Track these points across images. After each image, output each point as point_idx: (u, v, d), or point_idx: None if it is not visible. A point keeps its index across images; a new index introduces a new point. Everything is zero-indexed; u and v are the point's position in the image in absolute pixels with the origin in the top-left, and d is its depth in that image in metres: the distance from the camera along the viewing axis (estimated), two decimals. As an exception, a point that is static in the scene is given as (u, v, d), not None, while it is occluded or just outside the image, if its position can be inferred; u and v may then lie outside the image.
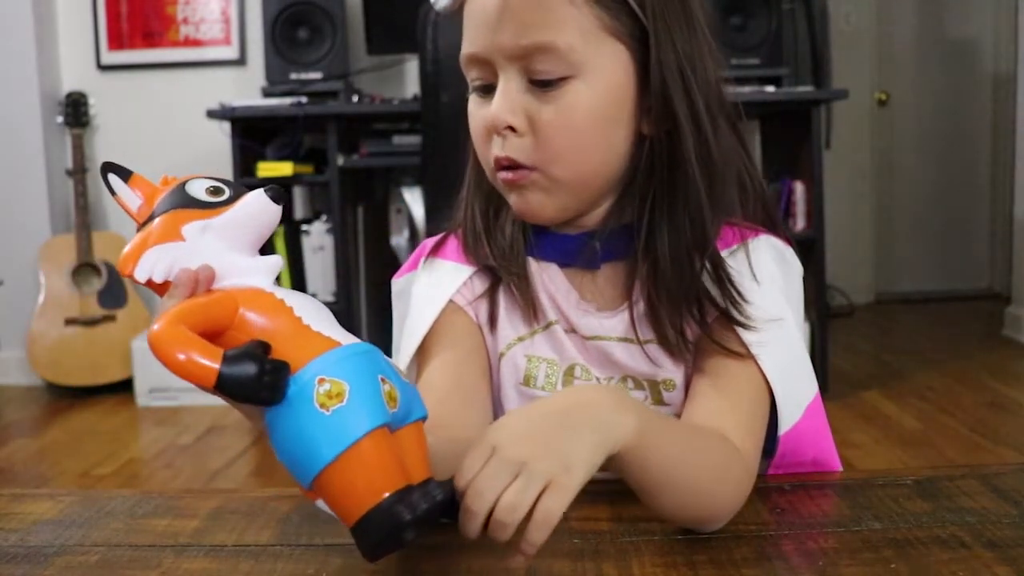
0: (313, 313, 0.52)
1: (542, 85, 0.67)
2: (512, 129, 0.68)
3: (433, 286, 0.78)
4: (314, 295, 2.91)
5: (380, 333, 3.18)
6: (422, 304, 0.77)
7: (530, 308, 0.75)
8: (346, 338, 0.51)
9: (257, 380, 0.47)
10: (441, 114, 1.99)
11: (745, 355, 0.68)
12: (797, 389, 0.71)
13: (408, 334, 0.77)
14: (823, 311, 2.88)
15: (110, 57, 3.47)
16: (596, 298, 0.75)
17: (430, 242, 0.82)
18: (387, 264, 3.19)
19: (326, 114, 2.86)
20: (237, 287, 0.52)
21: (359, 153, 2.93)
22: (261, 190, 0.55)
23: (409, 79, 3.36)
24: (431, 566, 0.57)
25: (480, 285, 0.78)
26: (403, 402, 0.51)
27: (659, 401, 0.74)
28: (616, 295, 0.75)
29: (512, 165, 0.69)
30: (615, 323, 0.74)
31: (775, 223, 0.76)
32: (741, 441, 0.65)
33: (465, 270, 0.78)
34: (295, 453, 0.48)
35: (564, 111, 0.67)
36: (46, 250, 3.28)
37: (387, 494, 0.48)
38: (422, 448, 0.53)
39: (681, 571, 0.55)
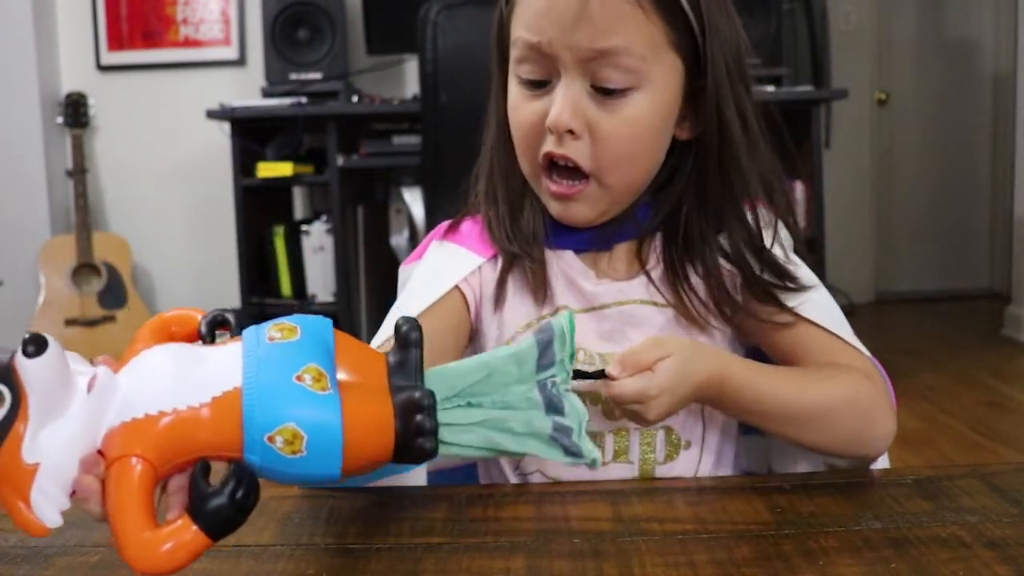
0: (186, 380, 0.46)
1: (605, 93, 0.68)
2: (571, 133, 0.69)
3: (441, 267, 0.78)
4: (314, 296, 2.89)
5: (380, 333, 3.18)
6: (425, 282, 0.77)
7: (541, 293, 0.76)
8: (233, 366, 0.47)
9: (236, 510, 0.45)
10: (441, 114, 1.99)
11: (791, 320, 0.73)
12: (844, 326, 0.75)
13: (403, 307, 0.76)
14: (823, 311, 2.87)
15: (110, 58, 3.47)
16: (611, 273, 0.77)
17: (443, 226, 0.83)
18: (387, 264, 3.19)
19: (326, 114, 2.86)
20: (116, 433, 0.46)
21: (359, 153, 2.93)
22: (23, 360, 0.45)
23: (409, 79, 3.36)
24: (431, 566, 0.57)
25: (489, 273, 0.78)
26: (323, 351, 0.49)
27: None
28: (630, 269, 0.77)
29: (565, 163, 0.71)
30: (635, 286, 0.76)
31: (790, 215, 0.79)
32: (868, 370, 0.73)
33: (476, 259, 0.78)
34: (308, 483, 0.48)
35: (625, 122, 0.69)
36: (46, 250, 3.28)
37: (393, 428, 0.48)
38: (355, 348, 0.51)
39: (682, 571, 0.55)
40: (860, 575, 0.54)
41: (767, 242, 0.74)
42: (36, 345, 0.45)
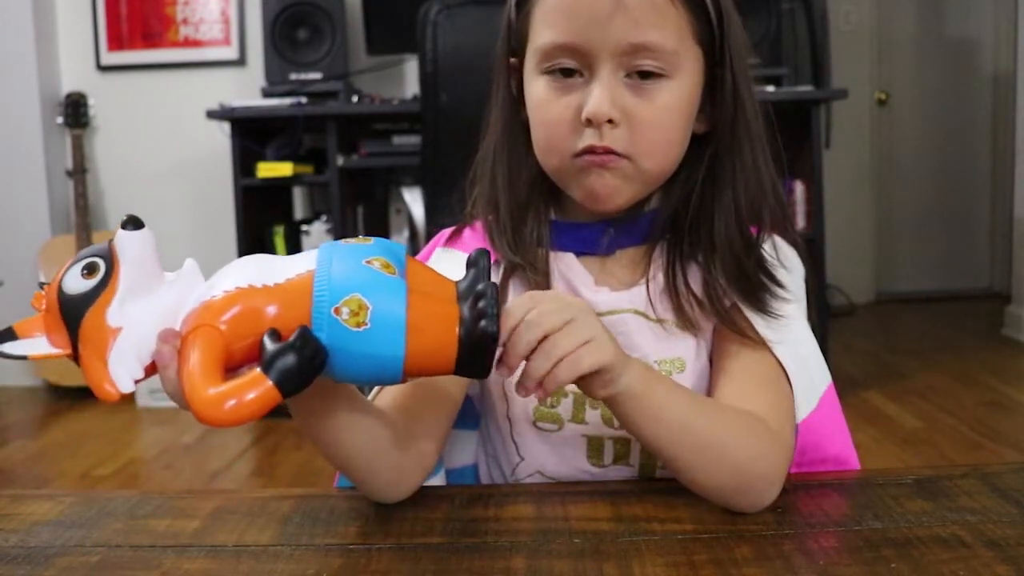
0: (264, 268, 0.51)
1: (642, 78, 0.69)
2: (611, 122, 0.70)
3: (447, 275, 0.78)
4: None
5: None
6: None
7: None
8: (307, 260, 0.51)
9: (307, 364, 0.47)
10: (441, 114, 1.99)
11: (760, 343, 0.71)
12: (812, 378, 0.73)
13: None
14: (823, 311, 2.88)
15: (110, 58, 3.47)
16: (610, 280, 0.77)
17: (445, 233, 0.84)
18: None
19: (326, 114, 2.86)
20: (194, 312, 0.50)
21: (359, 153, 2.93)
22: (120, 232, 0.51)
23: (409, 79, 3.36)
24: (431, 566, 0.57)
25: (493, 276, 0.78)
26: (393, 257, 0.52)
27: None
28: (630, 278, 0.77)
29: (607, 152, 0.71)
30: (631, 296, 0.76)
31: (788, 225, 0.79)
32: (778, 424, 0.67)
33: None
34: (372, 374, 0.49)
35: (659, 109, 0.70)
36: (46, 250, 3.28)
37: (456, 329, 0.50)
38: (426, 270, 0.54)
39: (682, 571, 0.55)
40: (860, 575, 0.54)
41: (768, 259, 0.74)
42: (134, 223, 0.50)
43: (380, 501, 0.67)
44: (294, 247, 3.05)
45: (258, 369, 0.47)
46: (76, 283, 0.50)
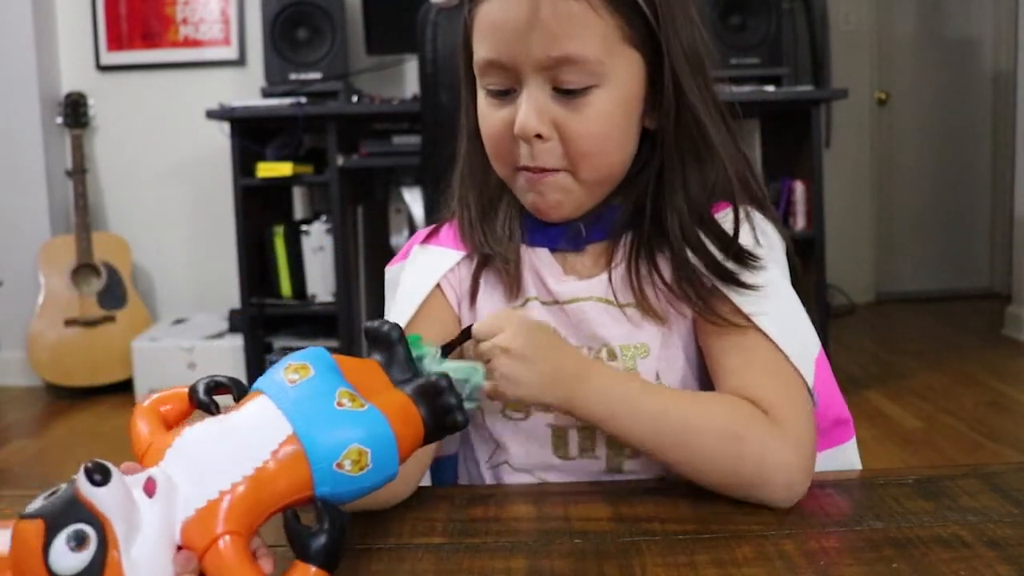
0: (238, 447, 0.48)
1: (568, 94, 0.69)
2: (539, 136, 0.70)
3: (422, 269, 0.80)
4: (314, 296, 2.89)
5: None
6: (411, 287, 0.79)
7: (514, 288, 0.78)
8: (273, 417, 0.49)
9: (338, 536, 0.48)
10: (440, 114, 1.99)
11: (747, 327, 0.70)
12: (805, 344, 0.72)
13: (393, 314, 0.79)
14: (824, 310, 2.88)
15: (109, 58, 3.47)
16: (578, 270, 0.78)
17: (423, 232, 0.85)
18: (387, 264, 3.19)
19: (326, 114, 2.86)
20: (196, 523, 0.47)
21: (359, 153, 2.93)
22: (96, 491, 0.45)
23: (409, 79, 3.36)
24: (431, 566, 0.57)
25: (466, 269, 0.80)
26: (333, 373, 0.52)
27: (632, 369, 0.75)
28: (596, 268, 0.78)
29: (541, 171, 0.72)
30: (593, 284, 0.76)
31: (764, 204, 0.79)
32: (781, 409, 0.67)
33: (455, 255, 0.80)
34: (376, 489, 0.51)
35: (590, 118, 0.70)
36: (46, 251, 3.28)
37: (419, 414, 0.52)
38: (352, 364, 0.54)
39: (683, 571, 0.55)
40: (861, 575, 0.54)
41: (744, 239, 0.73)
42: (102, 472, 0.45)
43: (380, 508, 0.67)
44: (294, 247, 3.05)
45: (297, 561, 0.48)
46: (70, 560, 0.44)
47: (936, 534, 0.58)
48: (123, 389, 3.23)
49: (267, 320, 3.11)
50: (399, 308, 0.78)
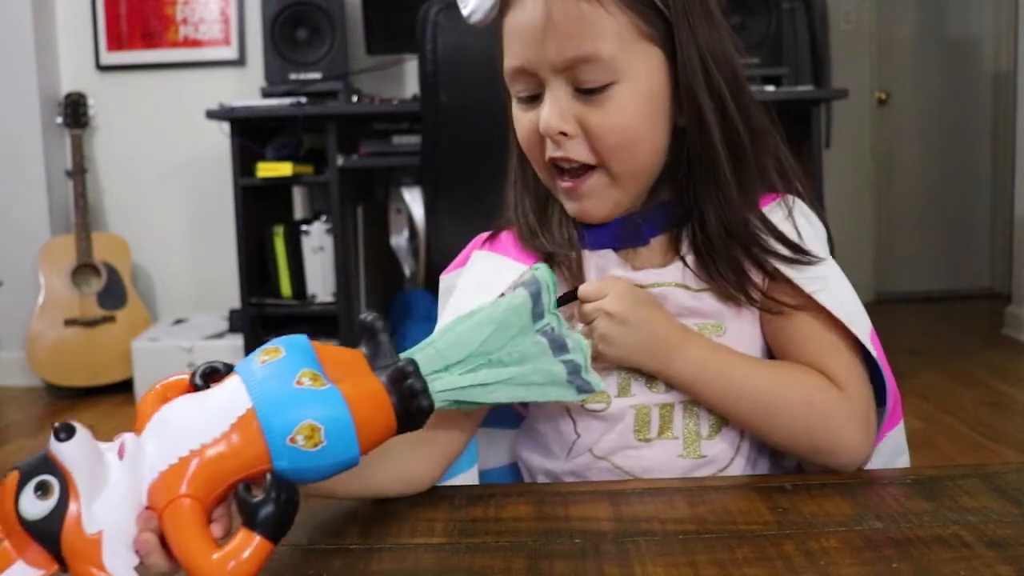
0: (202, 419, 0.51)
1: (588, 92, 0.71)
2: (564, 135, 0.72)
3: (487, 277, 0.81)
4: (314, 296, 2.89)
5: (380, 333, 3.18)
6: (473, 292, 0.79)
7: (577, 285, 0.78)
8: (239, 394, 0.52)
9: (285, 509, 0.50)
10: (441, 114, 1.99)
11: (805, 305, 0.73)
12: (863, 321, 0.75)
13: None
14: (823, 310, 2.87)
15: (109, 58, 3.47)
16: (646, 263, 0.79)
17: (481, 237, 0.86)
18: (387, 264, 3.19)
19: (326, 114, 2.86)
20: (157, 486, 0.50)
21: (359, 153, 2.93)
22: (60, 446, 0.50)
23: (409, 79, 3.36)
24: (431, 566, 0.57)
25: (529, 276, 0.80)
26: (308, 357, 0.54)
27: None
28: (665, 258, 0.79)
29: (571, 165, 0.74)
30: (670, 271, 0.78)
31: (803, 190, 0.81)
32: (846, 380, 0.72)
33: (518, 266, 0.80)
34: (336, 472, 0.53)
35: (612, 112, 0.71)
36: (46, 251, 3.28)
37: (389, 399, 0.54)
38: (333, 351, 0.57)
39: (683, 571, 0.55)
40: (861, 575, 0.53)
41: (790, 233, 0.75)
42: (67, 430, 0.49)
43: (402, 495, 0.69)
44: (294, 247, 3.05)
45: (242, 528, 0.49)
46: (36, 507, 0.49)
47: (936, 534, 0.58)
48: (123, 389, 3.23)
49: (267, 320, 3.11)
50: (457, 312, 0.78)
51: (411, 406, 0.55)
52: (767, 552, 0.57)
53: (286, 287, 3.08)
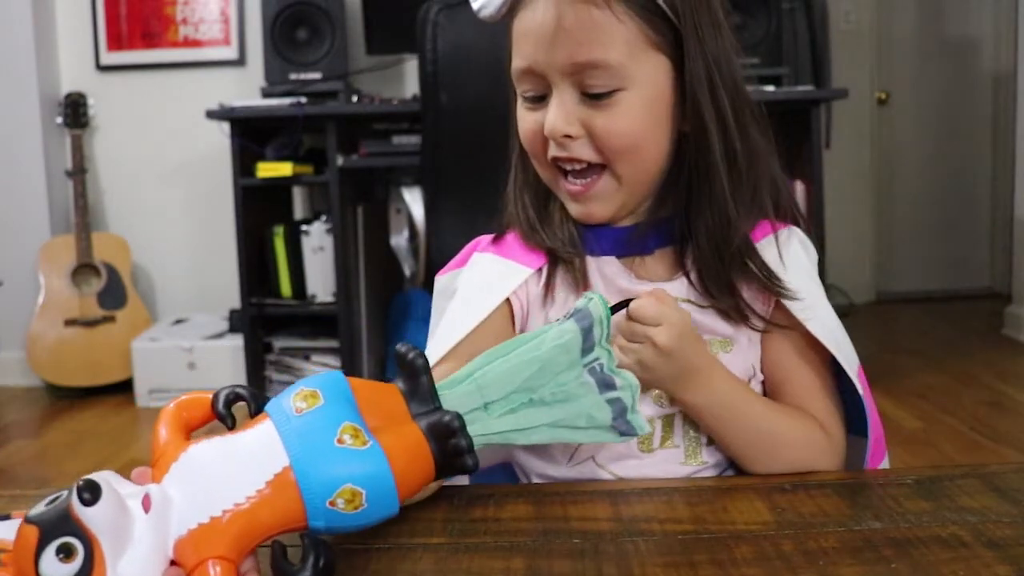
0: (237, 473, 0.49)
1: (595, 97, 0.72)
2: (569, 137, 0.73)
3: (491, 279, 0.81)
4: (314, 296, 2.89)
5: (379, 333, 3.18)
6: (475, 294, 0.80)
7: (580, 285, 0.79)
8: (271, 446, 0.50)
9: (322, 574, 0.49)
10: (441, 114, 1.98)
11: (795, 327, 0.75)
12: (850, 352, 0.76)
13: (452, 322, 0.78)
14: (823, 311, 2.87)
15: (109, 58, 3.47)
16: (651, 275, 0.79)
17: (484, 239, 0.86)
18: (387, 264, 3.19)
19: (326, 114, 2.86)
20: (189, 542, 0.48)
21: (359, 153, 2.93)
22: (86, 510, 0.47)
23: (409, 79, 3.36)
24: (431, 566, 0.57)
25: (535, 284, 0.81)
26: (344, 401, 0.52)
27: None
28: (670, 272, 0.79)
29: (574, 166, 0.74)
30: (676, 286, 0.78)
31: (799, 217, 0.82)
32: (830, 424, 0.75)
33: (525, 271, 0.80)
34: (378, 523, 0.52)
35: (616, 117, 0.72)
36: (46, 251, 3.28)
37: (431, 452, 0.53)
38: (370, 391, 0.55)
39: (682, 571, 0.55)
40: (861, 575, 0.54)
41: (772, 262, 0.76)
42: (92, 492, 0.46)
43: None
44: (294, 247, 3.05)
45: None
46: (58, 570, 0.46)
47: (935, 534, 0.58)
48: (123, 389, 3.23)
49: (267, 320, 3.11)
50: (459, 316, 0.78)
51: (455, 463, 0.54)
52: (766, 552, 0.57)
53: (286, 287, 3.08)
